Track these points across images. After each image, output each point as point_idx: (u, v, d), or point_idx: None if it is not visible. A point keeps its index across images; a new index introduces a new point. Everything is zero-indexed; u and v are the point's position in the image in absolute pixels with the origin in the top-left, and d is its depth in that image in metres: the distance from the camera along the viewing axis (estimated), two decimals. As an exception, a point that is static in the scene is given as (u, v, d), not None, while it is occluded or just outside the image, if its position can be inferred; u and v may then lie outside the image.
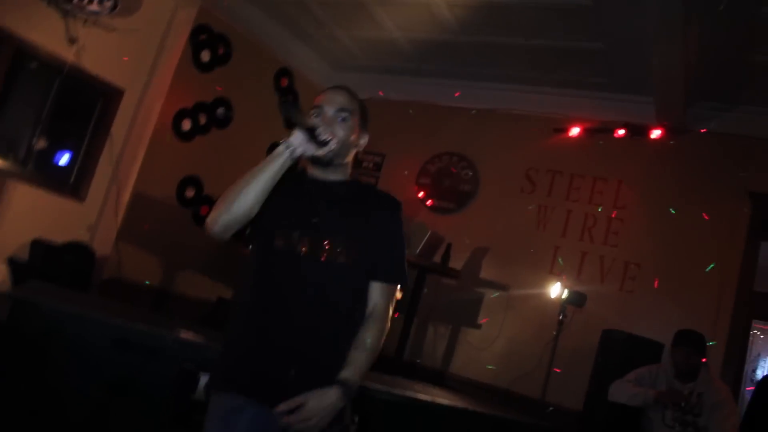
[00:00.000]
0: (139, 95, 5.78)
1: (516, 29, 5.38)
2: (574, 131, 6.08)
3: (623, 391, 4.07)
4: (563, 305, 5.10)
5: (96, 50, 5.36)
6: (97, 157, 5.59)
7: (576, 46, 5.37)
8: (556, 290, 5.25)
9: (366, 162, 7.11)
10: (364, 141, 1.96)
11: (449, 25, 5.58)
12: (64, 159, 5.52)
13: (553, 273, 5.79)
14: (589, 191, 5.96)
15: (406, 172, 6.74)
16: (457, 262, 5.90)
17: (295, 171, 1.85)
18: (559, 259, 5.85)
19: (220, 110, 6.17)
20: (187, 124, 5.98)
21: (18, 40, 4.97)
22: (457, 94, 6.45)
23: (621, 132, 5.86)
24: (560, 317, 5.08)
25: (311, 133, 1.72)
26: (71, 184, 5.53)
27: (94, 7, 5.10)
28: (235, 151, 6.22)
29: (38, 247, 5.12)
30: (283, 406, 1.68)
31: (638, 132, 5.78)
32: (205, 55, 6.01)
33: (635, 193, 5.77)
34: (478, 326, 6.09)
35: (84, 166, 5.57)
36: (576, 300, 5.10)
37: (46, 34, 5.07)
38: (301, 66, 7.00)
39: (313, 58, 7.07)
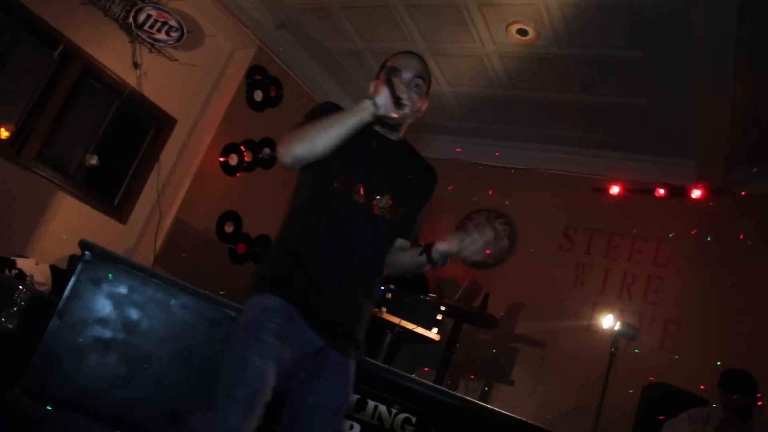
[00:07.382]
0: (191, 126, 5.93)
1: (564, 84, 5.58)
2: (614, 190, 6.15)
3: (681, 429, 3.91)
4: (615, 338, 4.88)
5: (156, 78, 5.55)
6: (144, 181, 5.66)
7: (622, 103, 5.54)
8: (608, 322, 5.11)
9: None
10: (425, 107, 2.13)
11: (499, 79, 5.79)
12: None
13: (591, 331, 5.70)
14: (629, 250, 5.96)
15: (443, 227, 6.74)
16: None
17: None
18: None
19: (267, 150, 6.25)
20: (234, 159, 6.05)
21: (87, 57, 5.16)
22: (497, 154, 6.59)
23: (661, 192, 5.92)
24: (612, 349, 4.82)
25: (396, 97, 1.87)
26: (115, 205, 5.56)
27: (162, 35, 5.32)
28: (275, 192, 6.20)
29: (77, 260, 5.09)
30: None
31: (678, 193, 5.85)
32: (258, 95, 6.17)
33: (676, 253, 5.76)
34: (511, 382, 5.91)
35: (129, 189, 5.62)
36: (629, 333, 4.92)
37: (113, 55, 5.28)
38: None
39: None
